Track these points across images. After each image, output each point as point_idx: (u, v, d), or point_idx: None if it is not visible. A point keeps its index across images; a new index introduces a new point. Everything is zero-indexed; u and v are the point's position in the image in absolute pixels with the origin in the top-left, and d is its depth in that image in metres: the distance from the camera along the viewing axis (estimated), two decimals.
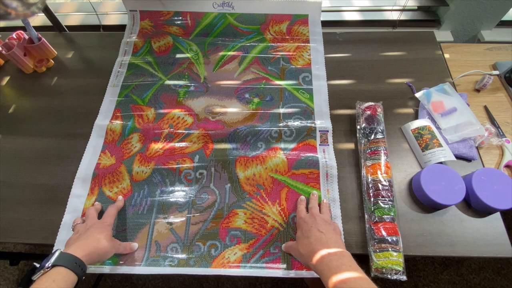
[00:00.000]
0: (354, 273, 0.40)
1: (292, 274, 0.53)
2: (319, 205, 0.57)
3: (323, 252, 0.44)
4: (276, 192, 0.60)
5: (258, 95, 0.72)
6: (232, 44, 0.80)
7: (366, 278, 0.40)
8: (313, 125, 0.67)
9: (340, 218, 0.57)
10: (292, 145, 0.65)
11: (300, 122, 0.68)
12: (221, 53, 0.79)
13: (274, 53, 0.79)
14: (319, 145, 0.65)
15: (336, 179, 0.61)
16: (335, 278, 0.40)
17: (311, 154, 0.63)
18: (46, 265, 0.41)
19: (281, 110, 0.70)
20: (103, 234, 0.49)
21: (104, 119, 0.69)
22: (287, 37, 0.82)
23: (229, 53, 0.79)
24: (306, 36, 0.81)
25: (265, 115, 0.69)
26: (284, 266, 0.54)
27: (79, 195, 0.61)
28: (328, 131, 0.66)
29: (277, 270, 0.53)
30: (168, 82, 0.75)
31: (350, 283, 0.39)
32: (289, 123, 0.67)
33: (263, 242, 0.56)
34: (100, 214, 0.57)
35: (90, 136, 0.67)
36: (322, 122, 0.68)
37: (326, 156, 0.63)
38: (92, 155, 0.65)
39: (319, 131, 0.66)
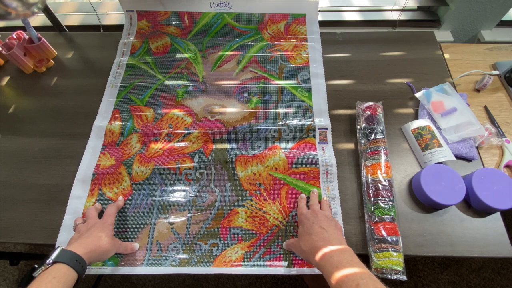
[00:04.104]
0: (356, 268, 0.40)
1: (294, 271, 0.53)
2: (320, 202, 0.57)
3: (325, 248, 0.44)
4: (276, 190, 0.60)
5: (256, 94, 0.72)
6: (230, 44, 0.80)
7: (368, 273, 0.40)
8: (312, 123, 0.67)
9: (340, 215, 0.57)
10: (292, 144, 0.65)
11: (299, 121, 0.68)
12: (219, 53, 0.79)
13: (272, 52, 0.79)
14: (318, 143, 0.65)
15: (335, 177, 0.61)
16: (337, 273, 0.40)
17: (311, 152, 0.63)
18: (47, 261, 0.42)
19: (280, 109, 0.70)
20: (104, 232, 0.50)
21: (103, 120, 0.69)
22: (285, 36, 0.82)
23: (227, 52, 0.79)
24: (304, 35, 0.81)
25: (264, 114, 0.69)
26: (286, 264, 0.54)
27: (79, 196, 0.60)
28: (327, 129, 0.66)
29: (279, 268, 0.54)
30: (166, 82, 0.75)
31: (352, 278, 0.39)
32: (288, 122, 0.67)
33: (264, 240, 0.56)
34: (100, 214, 0.57)
35: (89, 137, 0.67)
36: (321, 120, 0.68)
37: (325, 154, 0.63)
38: (91, 156, 0.65)
39: (318, 129, 0.66)
